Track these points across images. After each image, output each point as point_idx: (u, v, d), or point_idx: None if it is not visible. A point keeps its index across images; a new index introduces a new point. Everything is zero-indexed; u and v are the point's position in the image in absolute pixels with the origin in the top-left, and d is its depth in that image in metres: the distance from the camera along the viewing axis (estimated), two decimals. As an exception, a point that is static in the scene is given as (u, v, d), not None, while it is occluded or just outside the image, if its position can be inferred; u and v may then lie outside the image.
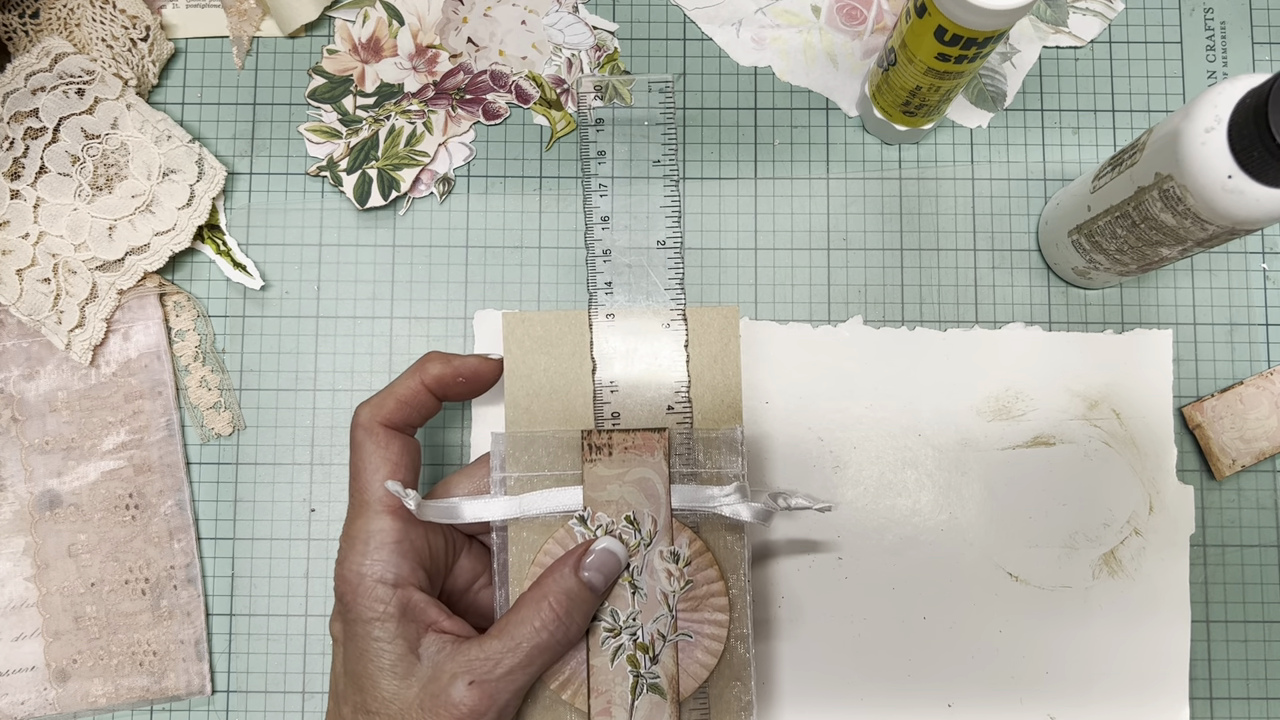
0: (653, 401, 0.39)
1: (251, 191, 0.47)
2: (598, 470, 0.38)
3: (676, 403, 0.39)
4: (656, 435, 0.38)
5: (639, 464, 0.38)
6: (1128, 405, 0.45)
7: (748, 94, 0.47)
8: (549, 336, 0.39)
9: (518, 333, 0.39)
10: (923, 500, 0.45)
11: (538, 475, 0.38)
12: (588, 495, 0.37)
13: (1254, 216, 0.33)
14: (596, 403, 0.39)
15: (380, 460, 0.36)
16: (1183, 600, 0.44)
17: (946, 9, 0.36)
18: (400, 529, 0.35)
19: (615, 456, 0.38)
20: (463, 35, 0.47)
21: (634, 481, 0.38)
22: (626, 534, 0.37)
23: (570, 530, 0.38)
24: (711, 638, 0.37)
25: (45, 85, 0.44)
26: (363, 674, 0.34)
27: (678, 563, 0.37)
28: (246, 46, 0.48)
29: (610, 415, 0.39)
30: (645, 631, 0.37)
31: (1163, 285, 0.46)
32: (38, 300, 0.44)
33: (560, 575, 0.35)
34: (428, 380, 0.37)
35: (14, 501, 0.45)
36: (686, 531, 0.38)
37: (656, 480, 0.38)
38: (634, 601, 0.37)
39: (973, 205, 0.47)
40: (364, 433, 0.36)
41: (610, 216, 0.40)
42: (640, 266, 0.40)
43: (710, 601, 0.38)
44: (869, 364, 0.46)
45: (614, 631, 0.37)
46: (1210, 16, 0.48)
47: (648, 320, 0.40)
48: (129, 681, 0.44)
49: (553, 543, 0.37)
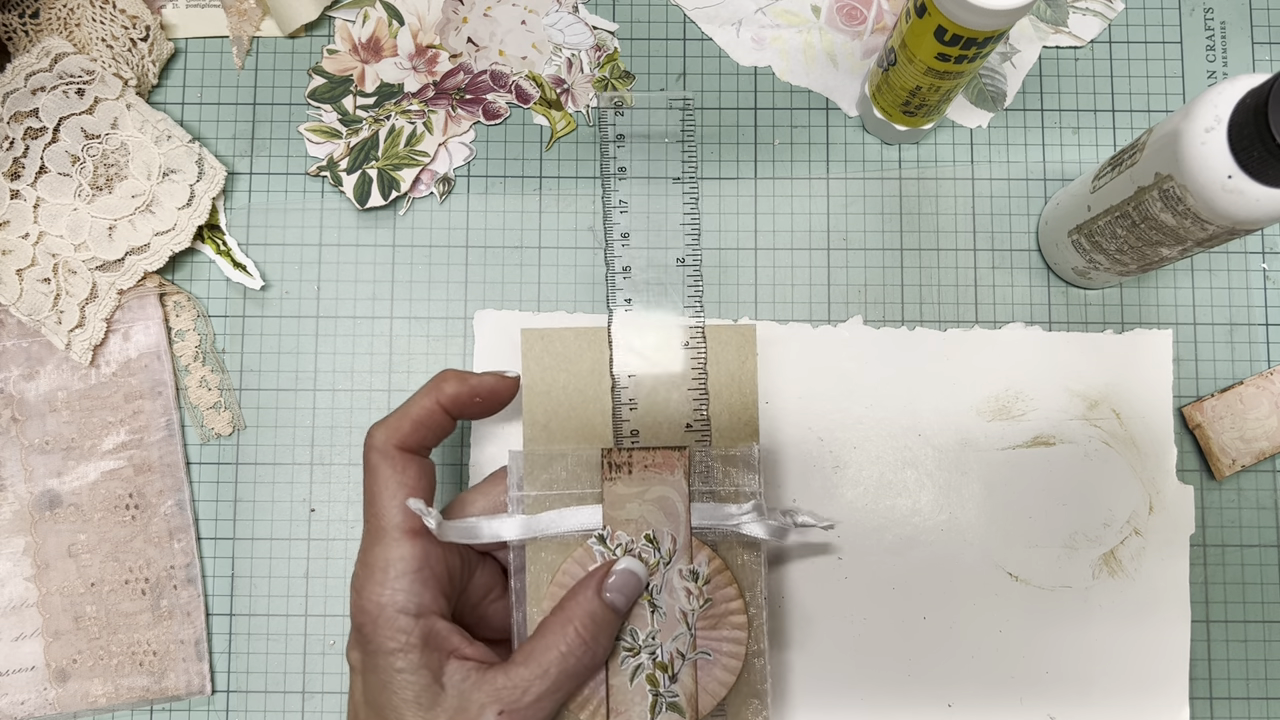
0: (672, 419, 0.39)
1: (251, 191, 0.47)
2: (617, 488, 0.38)
3: (695, 420, 0.39)
4: (677, 453, 0.38)
5: (659, 482, 0.38)
6: (1128, 405, 0.45)
7: (748, 94, 0.48)
8: (568, 353, 0.39)
9: (536, 349, 0.39)
10: (923, 500, 0.45)
11: (556, 494, 0.38)
12: (607, 514, 0.37)
13: (1254, 216, 0.33)
14: (616, 420, 0.39)
15: (397, 484, 0.35)
16: (1183, 600, 0.44)
17: (946, 9, 0.36)
18: (420, 555, 0.34)
19: (635, 475, 0.38)
20: (463, 35, 0.47)
21: (654, 500, 0.38)
22: (646, 553, 0.37)
23: (589, 549, 0.37)
24: (730, 655, 0.37)
25: (45, 85, 0.44)
26: (386, 705, 0.33)
27: (697, 581, 0.37)
28: (246, 46, 0.48)
29: (629, 433, 0.39)
30: (664, 650, 0.37)
31: (1163, 285, 0.46)
32: (38, 300, 0.44)
33: (584, 598, 0.35)
34: (444, 400, 0.36)
35: (14, 501, 0.45)
36: (705, 549, 0.38)
37: (676, 499, 0.38)
38: (653, 620, 0.37)
39: (973, 205, 0.47)
40: (379, 456, 0.35)
41: (630, 234, 0.40)
42: (660, 284, 0.40)
43: (729, 619, 0.38)
44: (869, 364, 0.46)
45: (633, 651, 0.37)
46: (1210, 16, 0.48)
47: (667, 337, 0.39)
48: (129, 681, 0.44)
49: (572, 562, 0.37)
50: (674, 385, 0.39)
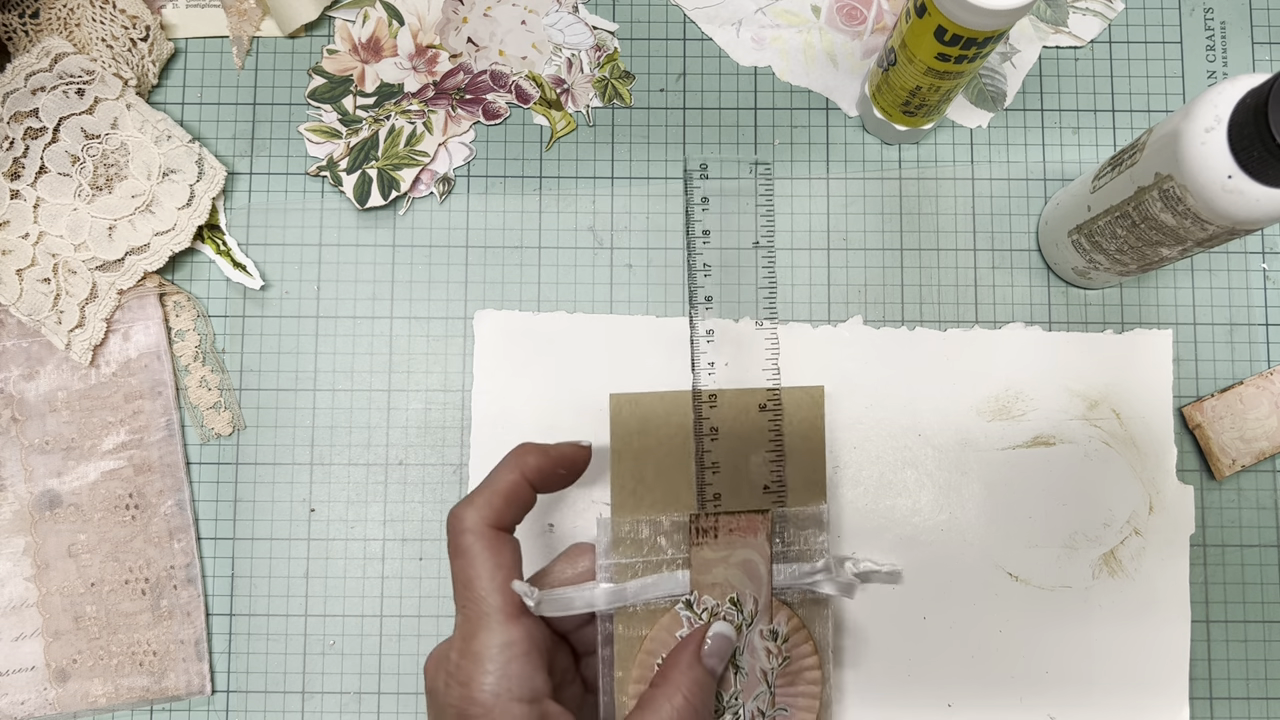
0: (750, 481, 0.40)
1: (251, 191, 0.47)
2: (704, 553, 0.38)
3: (772, 482, 0.40)
4: (760, 517, 0.39)
5: (743, 545, 0.38)
6: (1128, 405, 0.45)
7: (748, 94, 0.47)
8: (653, 417, 0.40)
9: (624, 414, 0.39)
10: (923, 500, 0.45)
11: (644, 560, 0.38)
12: (695, 579, 0.38)
13: (1254, 216, 0.33)
14: (700, 485, 0.39)
15: (494, 566, 0.34)
16: (1183, 600, 0.44)
17: (946, 9, 0.36)
18: (527, 638, 0.33)
19: (721, 539, 0.38)
20: (463, 35, 0.47)
21: (738, 563, 0.38)
22: (730, 615, 0.38)
23: (676, 616, 0.38)
24: (805, 710, 0.39)
25: (45, 85, 0.44)
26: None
27: (777, 640, 0.38)
28: (246, 46, 0.48)
29: (712, 496, 0.39)
30: (746, 710, 0.38)
31: (1163, 285, 0.46)
32: (38, 300, 0.44)
33: (685, 665, 0.35)
34: (528, 473, 0.36)
35: (14, 501, 0.45)
36: (784, 609, 0.39)
37: (759, 561, 0.38)
38: (735, 681, 0.38)
39: (973, 205, 0.47)
40: (473, 538, 0.34)
41: (713, 297, 0.41)
42: (741, 345, 0.41)
43: (804, 675, 0.39)
44: (869, 364, 0.46)
45: (719, 712, 0.38)
46: (1210, 16, 0.48)
47: (747, 401, 0.40)
48: (129, 681, 0.44)
49: (660, 629, 0.38)
50: (753, 448, 0.40)
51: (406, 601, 0.45)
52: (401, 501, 0.45)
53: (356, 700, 0.44)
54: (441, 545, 0.45)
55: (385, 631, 0.45)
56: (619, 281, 0.46)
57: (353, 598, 0.45)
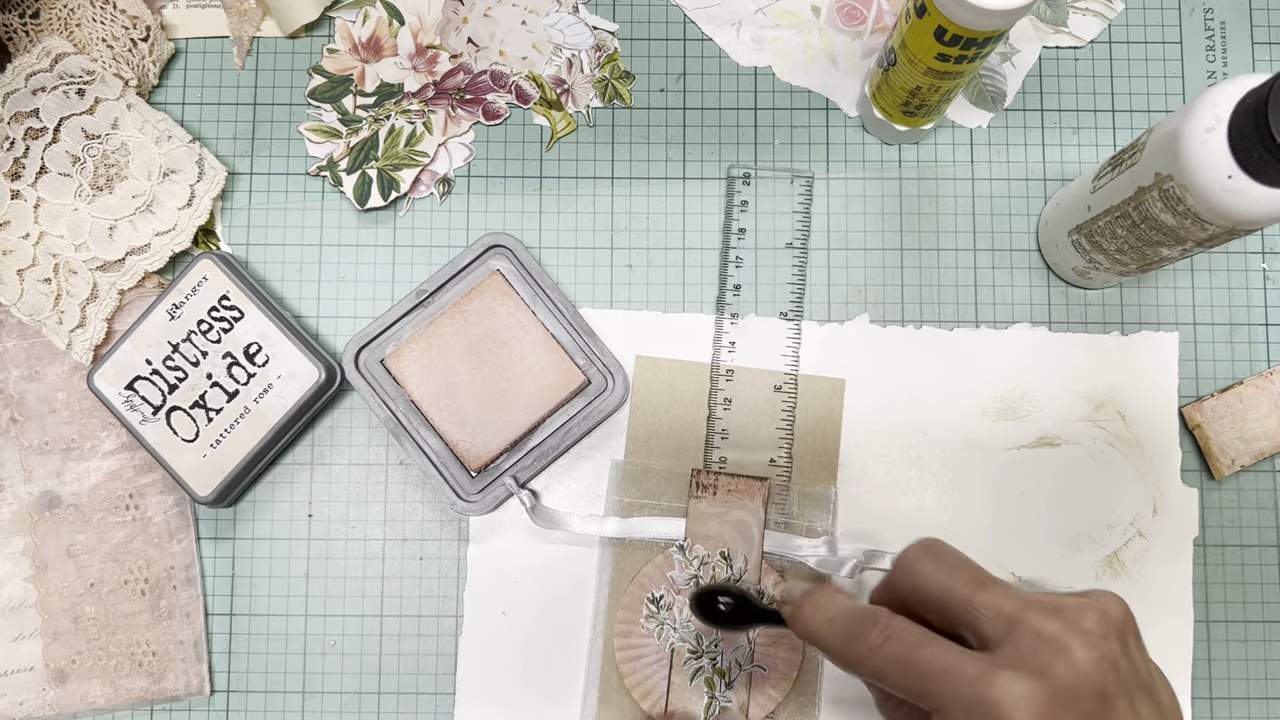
0: (758, 453, 0.43)
1: (252, 191, 0.47)
2: (702, 506, 0.42)
3: (779, 458, 0.44)
4: (758, 483, 0.42)
5: (739, 506, 0.42)
6: (1133, 407, 0.45)
7: (748, 94, 0.47)
8: (674, 381, 0.44)
9: (646, 374, 0.44)
10: (927, 499, 0.45)
11: (647, 503, 0.43)
12: (690, 527, 0.42)
13: (1254, 216, 0.33)
14: (708, 447, 0.44)
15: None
16: (1185, 602, 0.44)
17: (946, 9, 0.36)
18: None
19: (719, 496, 0.42)
20: (463, 35, 0.47)
21: (732, 522, 0.42)
22: (719, 568, 0.42)
23: (669, 556, 0.43)
24: (783, 675, 0.42)
25: (45, 85, 0.44)
26: None
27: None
28: (247, 46, 0.48)
29: (718, 459, 0.44)
30: (724, 658, 0.42)
31: (1163, 285, 0.46)
32: (38, 300, 0.44)
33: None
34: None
35: (13, 502, 0.45)
36: (774, 574, 0.42)
37: (753, 524, 0.42)
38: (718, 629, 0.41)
39: (973, 205, 0.47)
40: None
41: (742, 287, 0.45)
42: (763, 334, 0.45)
43: (786, 640, 0.42)
44: (875, 362, 0.46)
45: (696, 654, 0.42)
46: (1210, 16, 0.48)
47: (763, 381, 0.44)
48: (128, 682, 0.44)
49: (652, 566, 0.42)
50: (763, 424, 0.44)
51: (406, 601, 0.45)
52: (401, 501, 0.45)
53: (356, 700, 0.44)
54: (441, 545, 0.45)
55: (385, 631, 0.45)
56: (619, 281, 0.46)
57: (353, 598, 0.45)
